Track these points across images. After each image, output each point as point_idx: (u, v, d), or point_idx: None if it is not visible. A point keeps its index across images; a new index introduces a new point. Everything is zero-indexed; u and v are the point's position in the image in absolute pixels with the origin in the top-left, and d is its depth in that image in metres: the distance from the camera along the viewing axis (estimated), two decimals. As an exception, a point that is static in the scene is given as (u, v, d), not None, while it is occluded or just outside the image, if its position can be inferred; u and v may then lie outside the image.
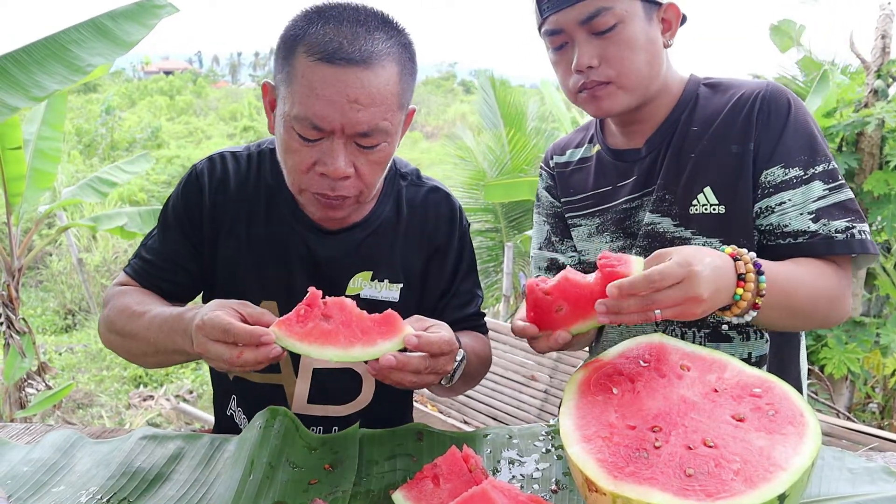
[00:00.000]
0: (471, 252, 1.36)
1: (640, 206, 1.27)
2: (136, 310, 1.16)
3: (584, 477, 0.76)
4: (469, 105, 23.41)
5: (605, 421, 0.82)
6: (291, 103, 1.04)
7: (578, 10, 1.15)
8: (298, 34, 1.04)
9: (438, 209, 1.31)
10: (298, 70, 1.03)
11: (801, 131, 1.16)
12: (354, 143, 1.06)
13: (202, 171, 1.26)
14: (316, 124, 1.03)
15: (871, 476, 0.92)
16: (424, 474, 0.92)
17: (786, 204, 1.14)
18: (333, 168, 1.05)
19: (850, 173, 3.62)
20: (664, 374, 0.88)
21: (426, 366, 0.97)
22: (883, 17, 3.64)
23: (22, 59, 2.53)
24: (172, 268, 1.26)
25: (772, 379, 0.86)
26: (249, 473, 0.97)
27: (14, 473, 1.01)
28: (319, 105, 1.01)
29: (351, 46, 1.01)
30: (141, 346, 1.14)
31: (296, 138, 1.05)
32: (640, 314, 0.88)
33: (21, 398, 3.97)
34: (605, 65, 1.17)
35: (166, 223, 1.27)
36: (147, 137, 14.95)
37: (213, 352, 0.94)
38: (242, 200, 1.24)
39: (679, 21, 1.22)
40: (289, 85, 1.05)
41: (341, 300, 0.98)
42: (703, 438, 0.76)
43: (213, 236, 1.24)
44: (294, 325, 0.94)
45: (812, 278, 1.08)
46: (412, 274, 1.28)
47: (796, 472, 0.70)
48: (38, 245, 4.55)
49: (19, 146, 3.61)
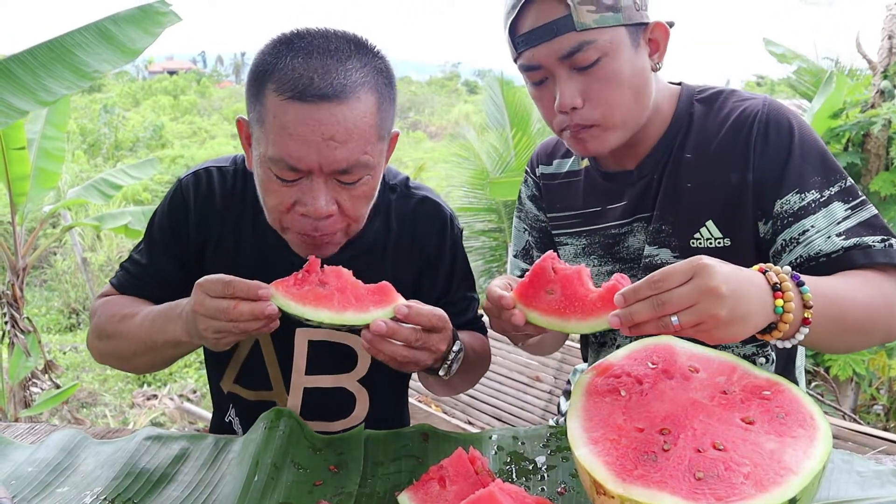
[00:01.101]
0: (463, 258, 1.33)
1: (629, 231, 1.22)
2: (125, 312, 1.16)
3: (591, 479, 0.75)
4: (473, 105, 23.41)
5: (612, 423, 0.81)
6: (266, 144, 0.99)
7: (558, 45, 1.05)
8: (267, 69, 0.98)
9: (429, 220, 1.27)
10: (269, 109, 0.97)
11: (810, 153, 1.09)
12: (335, 180, 1.01)
13: (187, 187, 1.22)
14: (292, 165, 0.98)
15: (880, 479, 0.92)
16: (430, 476, 0.91)
17: (809, 232, 1.05)
18: (314, 208, 1.01)
19: (857, 174, 3.60)
20: (672, 375, 0.87)
21: (417, 338, 0.96)
22: (889, 17, 3.63)
23: (28, 62, 2.53)
24: (158, 283, 1.24)
25: (781, 381, 0.85)
26: (254, 474, 0.96)
27: (18, 474, 1.00)
28: (294, 145, 0.96)
29: (322, 80, 0.95)
30: (131, 346, 1.13)
31: (273, 179, 1.01)
32: (656, 323, 0.80)
33: (26, 397, 3.98)
34: (590, 105, 1.08)
35: (152, 238, 1.25)
36: (150, 137, 14.97)
37: (211, 306, 0.94)
38: (229, 215, 1.22)
39: (667, 40, 1.12)
40: (261, 125, 0.99)
41: (338, 268, 0.99)
42: (713, 441, 0.75)
43: (199, 251, 1.23)
44: (291, 287, 0.95)
45: (860, 285, 0.97)
46: (403, 288, 1.24)
47: (807, 476, 0.69)
48: (43, 244, 4.56)
49: (23, 146, 3.62)
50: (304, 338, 1.23)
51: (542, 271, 0.97)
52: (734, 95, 1.16)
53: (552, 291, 0.96)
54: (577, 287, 0.95)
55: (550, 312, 0.95)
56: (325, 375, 1.25)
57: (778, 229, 1.08)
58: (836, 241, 1.03)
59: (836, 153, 3.70)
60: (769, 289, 0.83)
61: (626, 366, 0.91)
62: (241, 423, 1.32)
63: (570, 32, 1.03)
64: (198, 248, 1.23)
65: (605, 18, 1.03)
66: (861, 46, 3.75)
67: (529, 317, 0.96)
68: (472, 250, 6.86)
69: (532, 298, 0.97)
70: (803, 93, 4.56)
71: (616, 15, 1.04)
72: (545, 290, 0.97)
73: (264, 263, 1.21)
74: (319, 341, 1.23)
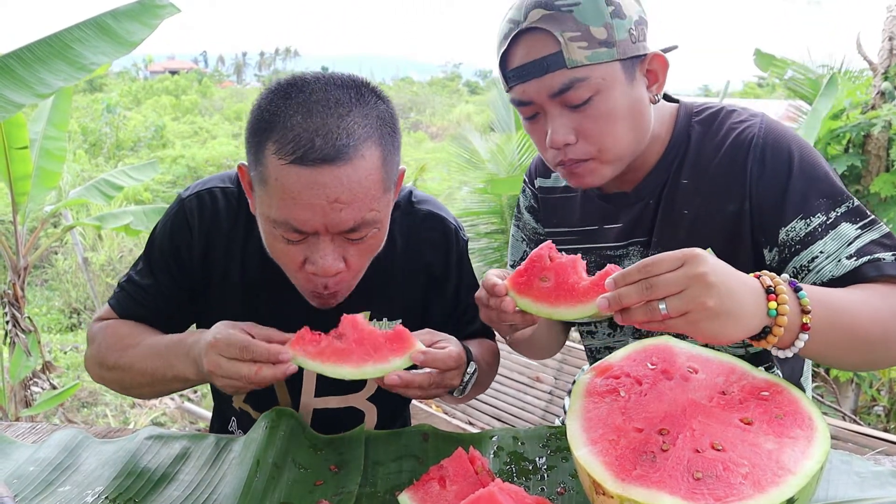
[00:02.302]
0: (469, 270, 1.32)
1: (625, 254, 1.21)
2: (128, 342, 1.14)
3: (591, 480, 0.75)
4: (474, 105, 23.41)
5: (612, 423, 0.81)
6: (268, 205, 0.97)
7: (548, 82, 1.01)
8: (266, 126, 0.95)
9: (435, 236, 1.26)
10: (271, 172, 0.95)
11: (812, 175, 1.04)
12: (343, 237, 1.00)
13: (191, 210, 1.18)
14: (297, 228, 0.97)
15: (879, 480, 0.92)
16: (430, 476, 0.92)
17: (819, 258, 1.01)
18: (323, 267, 0.99)
19: (857, 175, 3.61)
20: (671, 376, 0.87)
21: (432, 381, 0.98)
22: (890, 18, 3.63)
23: (26, 57, 2.54)
24: (158, 306, 1.21)
25: (779, 382, 0.85)
26: (255, 474, 0.97)
27: (20, 473, 1.01)
28: (298, 210, 0.94)
29: (324, 142, 0.92)
30: (136, 378, 1.12)
31: (279, 239, 1.00)
32: (644, 309, 0.79)
33: (26, 396, 3.98)
34: (584, 141, 1.04)
35: (152, 260, 1.21)
36: (151, 136, 14.99)
37: (229, 370, 0.94)
38: (234, 241, 1.19)
39: (666, 71, 1.07)
40: (263, 185, 0.97)
41: (354, 318, 0.99)
42: (711, 441, 0.76)
43: (205, 279, 1.20)
44: (308, 345, 0.96)
45: (868, 297, 0.92)
46: (411, 307, 1.25)
47: (805, 476, 0.70)
48: (44, 244, 4.56)
49: (25, 146, 3.62)
50: None
51: (538, 259, 0.98)
52: (731, 116, 1.13)
53: (546, 279, 0.96)
54: (570, 275, 0.95)
55: (541, 299, 0.95)
56: (334, 396, 1.25)
57: (786, 257, 1.05)
58: (847, 263, 0.99)
59: (836, 155, 3.70)
60: (763, 291, 0.81)
61: (625, 366, 0.91)
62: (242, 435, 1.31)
63: (560, 69, 1.00)
64: (203, 275, 1.20)
65: (598, 55, 0.99)
66: (861, 48, 3.76)
67: (520, 303, 0.96)
68: (474, 252, 6.86)
69: (525, 286, 0.97)
70: (801, 95, 4.57)
71: (610, 50, 1.00)
72: (539, 278, 0.97)
73: (270, 297, 1.19)
74: None
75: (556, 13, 0.99)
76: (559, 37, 0.98)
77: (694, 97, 12.49)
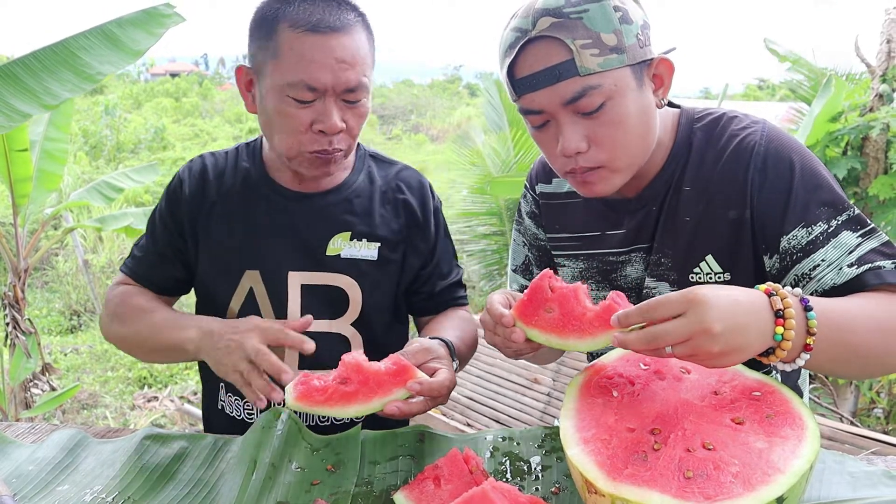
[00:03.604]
0: (446, 227, 1.45)
1: (627, 260, 1.21)
2: (144, 306, 1.30)
3: (583, 479, 0.76)
4: (475, 108, 23.41)
5: (604, 423, 0.82)
6: (283, 73, 1.14)
7: (561, 91, 1.00)
8: (276, 14, 1.15)
9: (411, 183, 1.40)
10: (285, 43, 1.13)
11: (813, 184, 1.05)
12: (342, 101, 1.17)
13: (183, 171, 1.38)
14: (311, 86, 1.13)
15: (871, 480, 0.92)
16: (426, 475, 0.93)
17: (820, 266, 1.01)
18: (331, 123, 1.16)
19: (855, 177, 3.61)
20: (664, 376, 0.88)
21: (426, 407, 1.05)
22: (888, 21, 3.64)
23: (32, 66, 2.54)
24: (163, 261, 1.37)
25: (771, 382, 0.86)
26: (252, 474, 0.98)
27: (19, 472, 1.02)
28: (313, 68, 1.13)
29: (330, 17, 1.14)
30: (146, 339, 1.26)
31: (291, 103, 1.15)
32: (649, 351, 0.80)
33: (26, 398, 3.98)
34: (596, 148, 1.04)
35: (153, 223, 1.40)
36: (152, 139, 15.00)
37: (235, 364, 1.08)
38: (220, 187, 1.34)
39: (672, 75, 1.07)
40: (276, 58, 1.15)
41: (357, 361, 1.04)
42: (703, 441, 0.76)
43: (192, 222, 1.33)
44: (314, 394, 1.01)
45: (872, 309, 0.92)
46: (391, 236, 1.35)
47: (794, 475, 0.71)
48: (44, 246, 4.58)
49: (26, 148, 3.63)
50: (297, 282, 1.30)
51: (539, 290, 0.98)
52: (733, 122, 1.12)
53: (550, 310, 0.97)
54: (574, 305, 0.96)
55: (549, 330, 0.96)
56: (319, 320, 1.30)
57: (787, 265, 1.05)
58: (848, 271, 0.99)
59: (834, 157, 3.71)
60: (771, 315, 0.81)
61: (618, 367, 0.92)
62: (235, 394, 1.36)
63: (573, 77, 0.99)
64: (192, 220, 1.34)
65: (610, 61, 0.99)
66: (860, 50, 3.76)
67: (529, 334, 0.97)
68: (473, 254, 6.88)
69: (531, 316, 0.98)
70: (802, 97, 4.57)
71: (620, 56, 0.99)
72: (544, 309, 0.98)
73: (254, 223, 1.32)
74: (312, 285, 1.29)
75: (566, 20, 0.98)
76: (571, 45, 0.98)
77: (695, 100, 12.41)
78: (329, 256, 1.30)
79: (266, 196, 1.32)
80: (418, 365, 1.08)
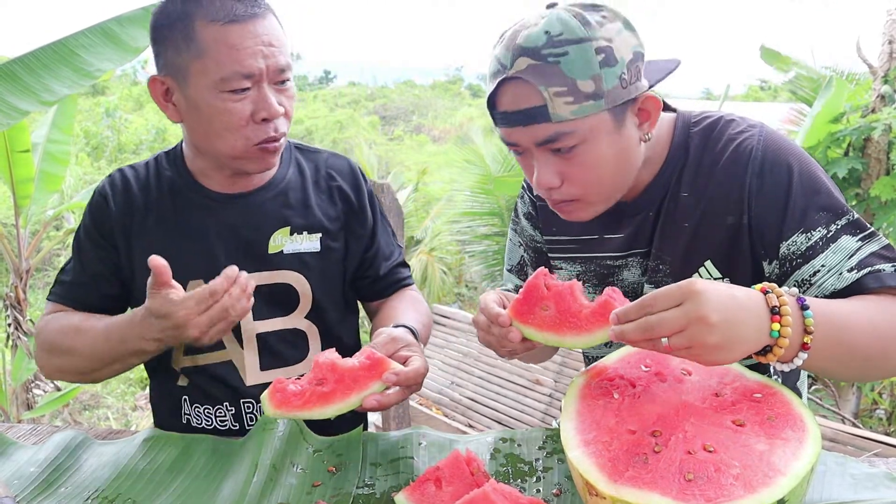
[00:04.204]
0: (381, 208, 1.45)
1: (624, 265, 1.20)
2: (78, 326, 1.21)
3: (584, 481, 0.76)
4: (477, 109, 23.40)
5: (605, 425, 0.82)
6: (213, 69, 1.13)
7: (534, 132, 1.00)
8: (188, 14, 1.13)
9: (341, 169, 1.40)
10: (209, 38, 1.12)
11: (812, 189, 1.04)
12: (273, 86, 1.17)
13: (103, 188, 1.32)
14: (245, 73, 1.13)
15: (873, 482, 0.92)
16: (427, 477, 0.92)
17: (821, 272, 1.00)
18: (273, 109, 1.16)
19: (857, 178, 3.61)
20: (665, 378, 0.88)
21: (403, 397, 1.06)
22: (890, 22, 3.63)
23: (31, 64, 2.54)
24: (95, 281, 1.30)
25: (772, 384, 0.86)
26: (253, 476, 0.98)
27: (20, 474, 1.02)
28: (244, 56, 1.12)
29: (243, 5, 1.14)
30: (91, 362, 1.19)
31: (228, 97, 1.14)
32: (647, 342, 0.81)
33: (28, 399, 3.99)
34: (568, 184, 1.04)
35: (80, 245, 1.32)
36: (153, 139, 15.01)
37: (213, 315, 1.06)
38: (147, 199, 1.30)
39: (659, 111, 1.05)
40: (201, 57, 1.13)
41: (331, 361, 1.03)
42: (703, 443, 0.76)
43: (125, 237, 1.28)
44: (291, 399, 1.00)
45: (870, 311, 0.92)
46: (330, 224, 1.34)
47: (795, 477, 0.71)
48: (46, 247, 4.58)
49: (28, 149, 3.64)
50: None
51: (534, 288, 0.98)
52: (730, 126, 1.11)
53: (546, 308, 0.97)
54: (570, 303, 0.96)
55: (546, 328, 0.96)
56: (273, 319, 1.29)
57: (787, 271, 1.04)
58: (848, 276, 0.98)
59: (836, 158, 3.71)
60: (767, 312, 0.81)
61: (619, 368, 0.92)
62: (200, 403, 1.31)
63: (545, 122, 0.98)
64: (123, 236, 1.28)
65: (584, 108, 0.97)
66: (861, 51, 3.76)
67: (525, 333, 0.98)
68: (474, 254, 6.88)
69: (527, 315, 0.98)
70: (803, 98, 4.57)
71: (597, 102, 0.97)
72: (540, 307, 0.98)
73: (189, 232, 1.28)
74: (260, 285, 1.26)
75: (543, 65, 0.95)
76: (544, 91, 0.96)
77: (696, 101, 12.32)
78: (272, 254, 1.28)
79: (197, 202, 1.29)
80: (389, 355, 1.08)
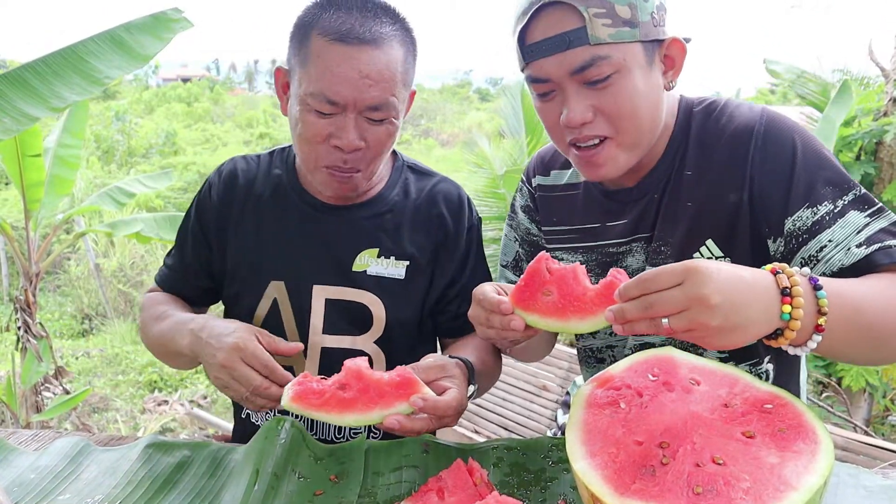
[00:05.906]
0: (480, 246, 1.38)
1: (628, 251, 1.19)
2: (161, 313, 1.29)
3: (589, 493, 0.74)
4: (485, 113, 23.39)
5: (611, 436, 0.80)
6: (308, 82, 1.11)
7: (570, 59, 0.99)
8: (313, 20, 1.12)
9: (448, 198, 1.34)
10: (314, 51, 1.10)
11: (817, 163, 1.02)
12: (365, 118, 1.13)
13: (213, 176, 1.36)
14: (330, 99, 1.10)
15: (887, 494, 0.90)
16: (429, 487, 0.91)
17: (828, 247, 0.98)
18: (347, 141, 1.12)
19: (869, 182, 3.57)
20: (673, 388, 0.86)
21: (430, 427, 1.00)
22: (902, 24, 3.60)
23: (41, 70, 2.56)
24: (190, 274, 1.38)
25: (783, 395, 0.84)
26: (254, 483, 0.96)
27: (21, 480, 1.01)
28: (334, 81, 1.09)
29: (361, 28, 1.10)
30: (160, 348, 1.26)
31: (311, 113, 1.12)
32: (648, 323, 0.80)
33: (38, 402, 4.00)
34: (601, 119, 1.02)
35: (183, 235, 1.39)
36: (163, 143, 15.11)
37: (242, 374, 1.05)
38: (249, 193, 1.32)
39: (684, 58, 1.06)
40: (304, 66, 1.12)
41: (358, 368, 0.99)
42: (712, 455, 0.74)
43: (221, 229, 1.32)
44: (311, 397, 0.97)
45: (884, 289, 0.90)
46: (420, 255, 1.31)
47: (808, 492, 0.68)
48: (56, 250, 4.60)
49: (39, 153, 3.66)
50: (322, 295, 1.27)
51: (536, 273, 0.96)
52: (730, 106, 1.11)
53: (549, 293, 0.95)
54: (573, 286, 0.94)
55: (549, 314, 0.94)
56: (342, 336, 1.28)
57: (794, 247, 1.02)
58: (856, 251, 0.96)
59: (848, 162, 3.67)
60: (777, 293, 0.79)
61: (626, 378, 0.90)
62: None
63: (583, 46, 0.98)
64: (219, 227, 1.32)
65: (622, 34, 0.98)
66: (874, 54, 3.72)
67: (528, 320, 0.95)
68: (482, 258, 6.85)
69: (529, 302, 0.96)
70: (811, 103, 4.53)
71: (633, 30, 0.98)
72: (542, 292, 0.95)
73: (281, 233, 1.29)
74: (336, 300, 1.27)
75: None
76: (584, 12, 0.96)
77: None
78: (355, 272, 1.27)
79: (297, 206, 1.30)
80: (428, 381, 1.02)
